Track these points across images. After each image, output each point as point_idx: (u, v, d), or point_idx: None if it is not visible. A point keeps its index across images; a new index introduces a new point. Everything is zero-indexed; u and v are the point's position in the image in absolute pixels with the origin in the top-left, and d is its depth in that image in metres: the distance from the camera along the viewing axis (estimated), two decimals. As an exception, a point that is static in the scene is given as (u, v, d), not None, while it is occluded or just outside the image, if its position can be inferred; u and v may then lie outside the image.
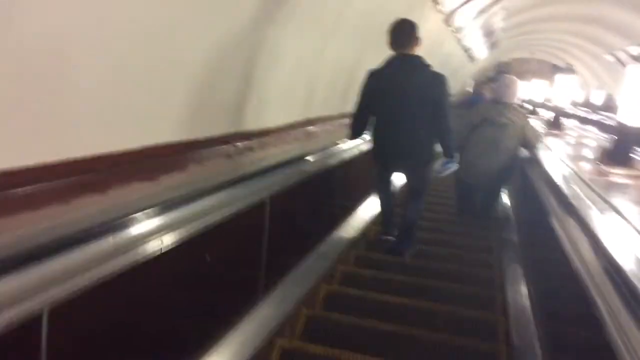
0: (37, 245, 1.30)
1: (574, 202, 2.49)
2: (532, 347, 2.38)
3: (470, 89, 14.28)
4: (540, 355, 2.32)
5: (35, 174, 1.49)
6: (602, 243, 1.84)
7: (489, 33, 11.37)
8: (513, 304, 2.82)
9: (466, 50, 10.86)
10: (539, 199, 3.33)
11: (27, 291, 1.24)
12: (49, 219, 1.47)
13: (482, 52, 14.49)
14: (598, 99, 15.39)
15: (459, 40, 9.55)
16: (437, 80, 3.38)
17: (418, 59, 3.41)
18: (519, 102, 13.67)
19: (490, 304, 2.98)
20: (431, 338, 2.34)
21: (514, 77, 4.71)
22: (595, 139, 6.08)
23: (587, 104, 15.26)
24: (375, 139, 3.60)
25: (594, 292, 1.66)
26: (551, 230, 2.59)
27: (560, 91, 6.04)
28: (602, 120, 8.36)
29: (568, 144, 5.51)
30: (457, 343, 2.35)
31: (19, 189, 1.44)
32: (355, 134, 3.61)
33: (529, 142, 4.42)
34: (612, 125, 5.04)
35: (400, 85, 3.35)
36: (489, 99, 5.50)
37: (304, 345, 2.24)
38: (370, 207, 4.53)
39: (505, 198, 5.60)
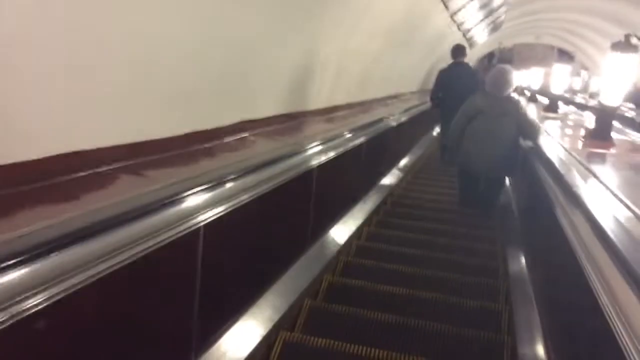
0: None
1: None
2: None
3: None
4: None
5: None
6: None
7: (488, 9, 9.14)
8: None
9: (460, 26, 8.69)
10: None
11: (186, 214, 1.72)
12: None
13: (481, 35, 12.34)
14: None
15: (452, 16, 7.38)
16: (474, 72, 7.53)
17: (466, 64, 7.29)
18: (531, 93, 11.44)
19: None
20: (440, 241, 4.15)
21: (508, 67, 4.81)
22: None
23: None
24: (442, 104, 6.90)
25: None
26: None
27: (611, 79, 3.71)
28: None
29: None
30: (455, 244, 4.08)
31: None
32: (434, 106, 7.25)
33: (527, 131, 4.36)
34: None
35: (456, 76, 6.80)
36: (483, 90, 4.98)
37: (378, 229, 4.30)
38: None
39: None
